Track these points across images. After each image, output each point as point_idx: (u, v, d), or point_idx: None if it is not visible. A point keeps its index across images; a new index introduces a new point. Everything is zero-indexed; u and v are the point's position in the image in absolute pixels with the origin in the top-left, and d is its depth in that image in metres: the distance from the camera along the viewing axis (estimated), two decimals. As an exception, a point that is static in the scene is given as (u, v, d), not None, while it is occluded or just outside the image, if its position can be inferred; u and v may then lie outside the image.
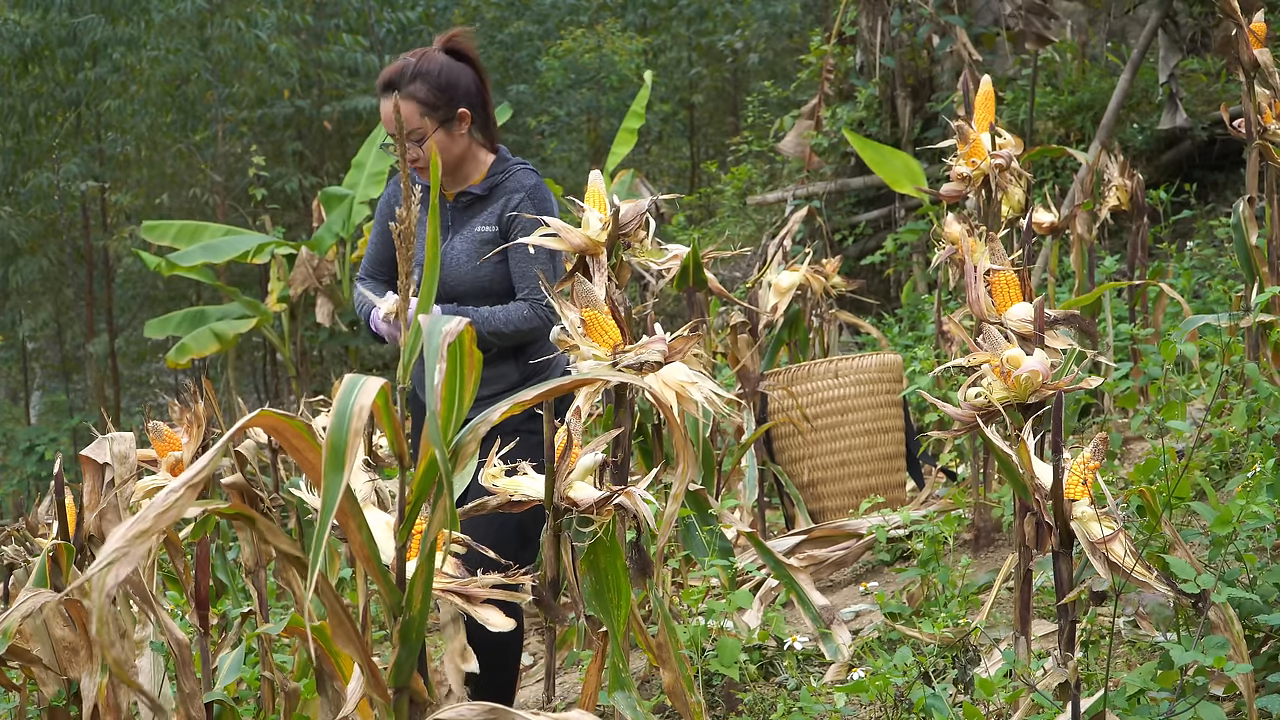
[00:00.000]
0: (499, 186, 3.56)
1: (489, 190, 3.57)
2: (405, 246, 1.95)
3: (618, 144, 11.03)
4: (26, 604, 2.64)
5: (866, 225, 10.47)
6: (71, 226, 16.40)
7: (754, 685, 3.83)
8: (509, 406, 2.01)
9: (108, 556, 1.75)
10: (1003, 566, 4.01)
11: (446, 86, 3.50)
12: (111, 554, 1.75)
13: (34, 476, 14.52)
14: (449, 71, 3.51)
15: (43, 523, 3.58)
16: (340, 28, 15.20)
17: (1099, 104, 8.97)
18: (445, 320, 1.89)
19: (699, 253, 4.77)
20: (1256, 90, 4.44)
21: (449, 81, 3.51)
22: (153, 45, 14.19)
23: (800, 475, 5.56)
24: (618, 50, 16.47)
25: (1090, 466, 2.55)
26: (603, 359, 2.87)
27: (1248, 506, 2.91)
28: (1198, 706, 2.54)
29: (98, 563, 1.76)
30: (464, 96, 3.52)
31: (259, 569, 3.40)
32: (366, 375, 1.87)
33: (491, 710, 2.02)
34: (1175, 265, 6.68)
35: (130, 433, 3.13)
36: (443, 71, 3.50)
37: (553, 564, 2.74)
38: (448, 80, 3.50)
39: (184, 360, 11.07)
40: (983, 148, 4.42)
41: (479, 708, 2.01)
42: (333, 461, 1.78)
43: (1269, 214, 4.47)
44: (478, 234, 3.53)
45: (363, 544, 1.93)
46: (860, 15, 10.26)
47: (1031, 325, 3.08)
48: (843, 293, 6.77)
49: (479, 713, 2.01)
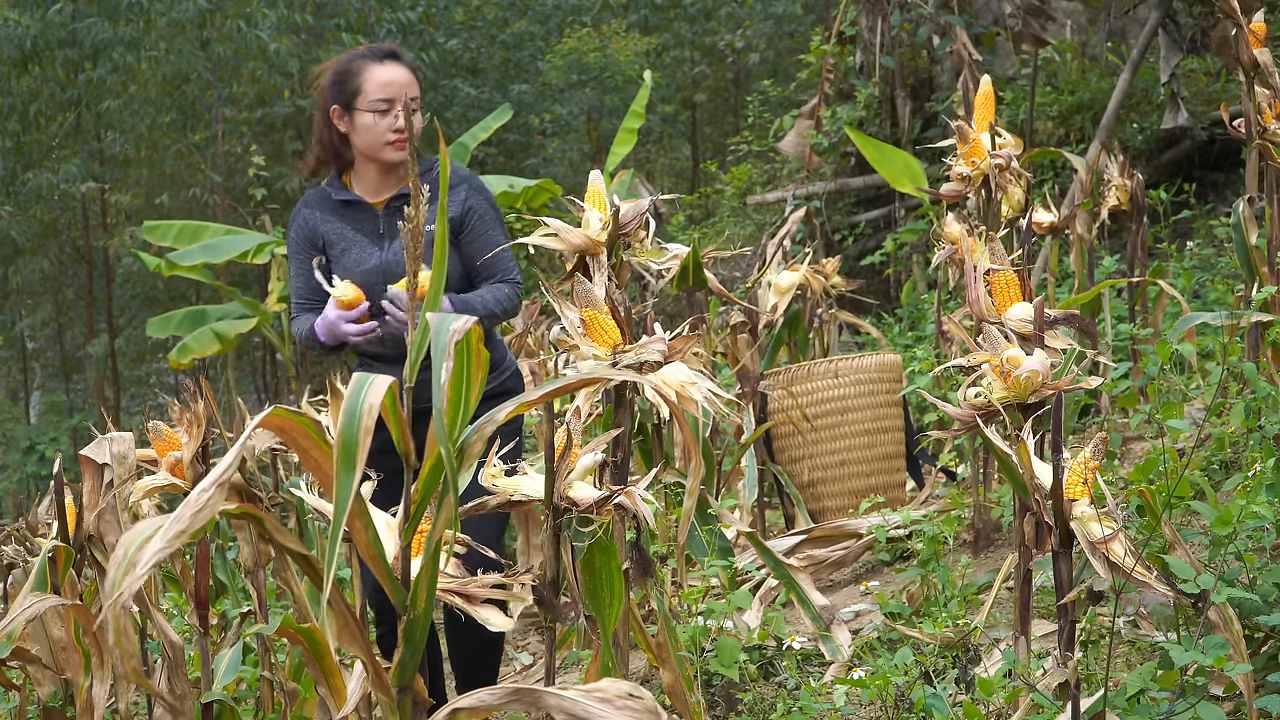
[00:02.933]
0: (434, 183, 3.49)
1: (429, 185, 3.50)
2: (413, 245, 1.95)
3: (618, 144, 11.02)
4: (32, 607, 2.64)
5: (866, 225, 10.47)
6: (71, 227, 16.40)
7: (754, 685, 3.83)
8: (514, 407, 2.01)
9: (149, 560, 1.75)
10: (1003, 566, 4.01)
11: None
12: (153, 556, 1.75)
13: (34, 476, 14.53)
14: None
15: (42, 523, 3.58)
16: (340, 28, 15.20)
17: (1099, 104, 8.98)
18: (453, 319, 1.89)
19: (699, 253, 4.77)
20: (1256, 90, 4.44)
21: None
22: (152, 46, 14.19)
23: (800, 475, 5.56)
24: (621, 50, 16.48)
25: (1090, 466, 2.55)
26: (603, 359, 2.87)
27: (1248, 506, 2.91)
28: (1198, 706, 2.54)
29: (138, 568, 1.75)
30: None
31: (258, 569, 3.40)
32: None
33: (515, 692, 1.99)
34: (1175, 265, 6.67)
35: (129, 433, 3.13)
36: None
37: (553, 563, 2.74)
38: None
39: (186, 360, 11.07)
40: (983, 148, 4.42)
41: (500, 691, 1.99)
42: (344, 460, 1.79)
43: (1269, 214, 4.47)
44: (426, 234, 3.51)
45: (368, 543, 1.93)
46: (860, 15, 10.26)
47: (1031, 325, 3.08)
48: (842, 293, 6.78)
49: (501, 696, 1.99)
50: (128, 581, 1.73)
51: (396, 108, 3.42)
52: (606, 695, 1.97)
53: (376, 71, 3.44)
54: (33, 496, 13.66)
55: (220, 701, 3.18)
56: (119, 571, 1.75)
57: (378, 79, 3.44)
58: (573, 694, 1.96)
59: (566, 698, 1.95)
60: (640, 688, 1.99)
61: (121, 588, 1.74)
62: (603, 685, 2.01)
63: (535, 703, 1.99)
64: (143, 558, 1.75)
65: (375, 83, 3.44)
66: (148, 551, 1.75)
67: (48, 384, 19.46)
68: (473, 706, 1.98)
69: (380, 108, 3.43)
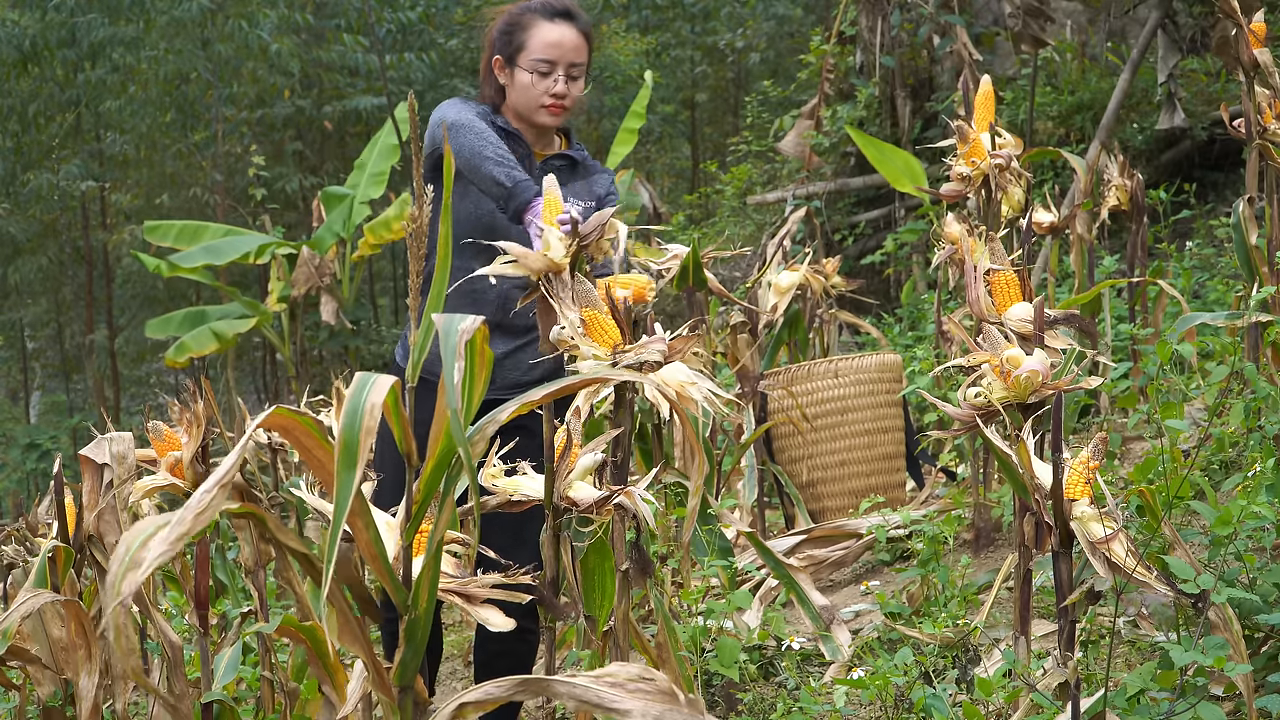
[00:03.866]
0: (584, 160, 3.36)
1: (582, 159, 3.36)
2: (416, 245, 1.94)
3: (618, 144, 11.03)
4: (27, 603, 2.65)
5: (866, 225, 10.47)
6: (71, 227, 16.41)
7: (754, 685, 3.83)
8: (516, 407, 2.01)
9: (152, 561, 1.75)
10: (1003, 566, 4.01)
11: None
12: (156, 558, 1.75)
13: (34, 474, 14.53)
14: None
15: (42, 522, 3.58)
16: (340, 28, 15.20)
17: (1099, 104, 8.98)
18: (461, 319, 1.90)
19: (699, 253, 4.77)
20: (1256, 90, 4.44)
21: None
22: (153, 45, 14.20)
23: (800, 475, 5.56)
24: (622, 50, 16.47)
25: (1090, 466, 2.55)
26: (603, 359, 2.87)
27: (1248, 506, 2.91)
28: (1198, 706, 2.54)
29: (141, 568, 1.75)
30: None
31: (259, 569, 3.40)
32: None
33: (523, 682, 1.97)
34: (1175, 265, 6.68)
35: (129, 433, 3.13)
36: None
37: (552, 563, 2.74)
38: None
39: (182, 359, 11.08)
40: (982, 148, 4.41)
41: (507, 683, 1.97)
42: (345, 459, 1.79)
43: (1269, 214, 4.47)
44: (575, 207, 3.15)
45: (369, 542, 1.93)
46: (860, 15, 10.26)
47: (1031, 325, 3.07)
48: (842, 293, 6.78)
49: (508, 687, 1.96)
50: (128, 581, 1.73)
51: (558, 70, 3.25)
52: (617, 679, 1.94)
53: (545, 29, 3.25)
54: (33, 496, 13.66)
55: (220, 701, 3.18)
56: (120, 569, 1.75)
57: (544, 37, 3.25)
58: (582, 680, 1.93)
59: (576, 685, 1.92)
60: (651, 669, 1.96)
61: (122, 587, 1.73)
62: (612, 670, 1.97)
63: (543, 691, 1.96)
64: (145, 557, 1.75)
65: (541, 41, 3.25)
66: (150, 552, 1.75)
67: (48, 384, 19.48)
68: (479, 700, 1.96)
69: (541, 69, 3.25)
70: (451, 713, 1.95)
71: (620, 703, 1.90)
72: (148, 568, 1.73)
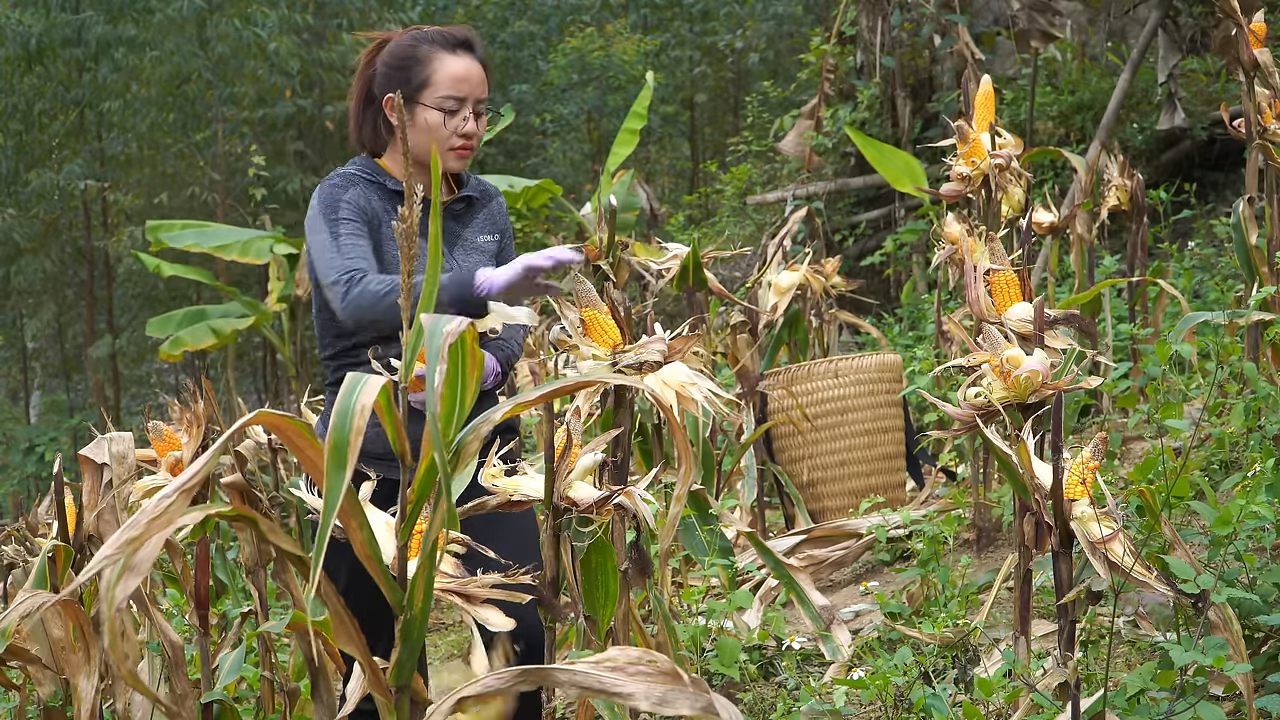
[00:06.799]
0: (479, 190, 3.09)
1: (480, 193, 3.09)
2: (407, 245, 1.93)
3: (619, 144, 11.02)
4: (25, 604, 2.65)
5: (866, 225, 10.47)
6: (72, 226, 16.41)
7: (754, 685, 3.83)
8: (511, 406, 2.01)
9: (98, 563, 1.75)
10: (1003, 566, 4.01)
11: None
12: (101, 560, 1.75)
13: (34, 476, 14.54)
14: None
15: (42, 523, 3.59)
16: (341, 27, 15.21)
17: (1099, 104, 8.98)
18: (446, 320, 1.88)
19: (699, 252, 4.77)
20: (1256, 90, 4.44)
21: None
22: (153, 45, 14.21)
23: (800, 475, 5.56)
24: (625, 50, 16.48)
25: (1090, 466, 2.55)
26: (602, 359, 2.87)
27: (1247, 506, 2.91)
28: (1197, 706, 2.54)
29: (89, 568, 1.75)
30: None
31: (259, 569, 3.40)
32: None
33: (523, 673, 1.93)
34: (1175, 265, 6.67)
35: (129, 433, 3.13)
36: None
37: (552, 563, 2.74)
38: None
39: (177, 353, 11.10)
40: (983, 147, 4.42)
41: (507, 674, 1.95)
42: (335, 460, 1.79)
43: (1269, 214, 4.47)
44: (479, 244, 3.04)
45: (364, 543, 1.93)
46: (860, 15, 10.26)
47: (1031, 325, 3.08)
48: (842, 293, 6.78)
49: (508, 679, 1.94)
50: (82, 578, 1.73)
51: (466, 108, 2.95)
52: (618, 663, 1.89)
53: (450, 63, 2.93)
54: (33, 496, 13.66)
55: (220, 701, 3.19)
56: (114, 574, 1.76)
57: (450, 72, 2.93)
58: (582, 667, 1.90)
59: (577, 671, 1.89)
60: (653, 651, 1.94)
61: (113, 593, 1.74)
62: (612, 654, 1.93)
63: (544, 681, 1.94)
64: (93, 562, 1.76)
65: (448, 75, 2.93)
66: (97, 557, 1.75)
67: (48, 384, 19.48)
68: (479, 692, 1.95)
69: (450, 106, 2.92)
70: (450, 706, 1.94)
71: (623, 686, 1.87)
72: (93, 569, 1.73)
